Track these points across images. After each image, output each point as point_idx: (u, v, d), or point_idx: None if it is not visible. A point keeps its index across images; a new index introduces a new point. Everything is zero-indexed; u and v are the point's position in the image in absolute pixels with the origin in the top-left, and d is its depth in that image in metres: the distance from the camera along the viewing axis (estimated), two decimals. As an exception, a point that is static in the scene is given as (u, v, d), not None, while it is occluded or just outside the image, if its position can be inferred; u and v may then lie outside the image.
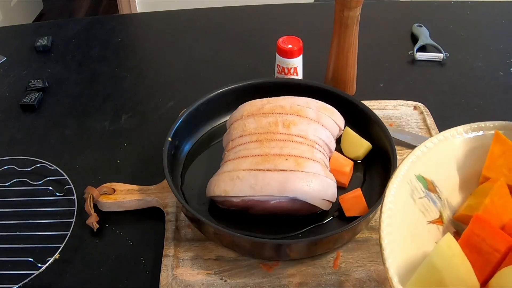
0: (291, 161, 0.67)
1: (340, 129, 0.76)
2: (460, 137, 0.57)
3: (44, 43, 1.09)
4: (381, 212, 0.49)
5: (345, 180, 0.73)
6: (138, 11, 2.46)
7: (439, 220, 0.54)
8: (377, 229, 0.70)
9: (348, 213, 0.69)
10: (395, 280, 0.45)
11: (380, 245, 0.47)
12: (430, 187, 0.54)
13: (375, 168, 0.75)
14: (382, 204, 0.50)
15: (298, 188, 0.65)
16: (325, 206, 0.68)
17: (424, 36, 1.08)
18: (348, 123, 0.78)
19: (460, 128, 0.57)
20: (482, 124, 0.58)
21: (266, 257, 0.66)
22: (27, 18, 2.76)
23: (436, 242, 0.51)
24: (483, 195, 0.52)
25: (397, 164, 0.70)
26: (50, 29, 1.18)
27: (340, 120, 0.76)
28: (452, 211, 0.56)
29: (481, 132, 0.57)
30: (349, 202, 0.69)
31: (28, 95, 0.95)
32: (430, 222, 0.53)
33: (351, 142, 0.77)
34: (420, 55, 1.04)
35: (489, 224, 0.48)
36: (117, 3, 2.49)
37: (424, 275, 0.46)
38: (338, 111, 0.76)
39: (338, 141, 0.78)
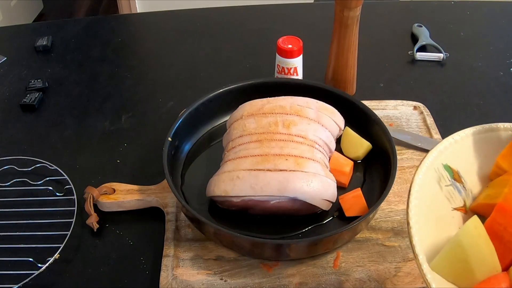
0: (291, 161, 0.67)
1: (340, 129, 0.76)
2: (486, 134, 0.59)
3: (44, 43, 1.09)
4: (409, 194, 0.51)
5: (345, 180, 0.73)
6: (138, 11, 2.46)
7: (463, 208, 0.55)
8: (377, 229, 0.70)
9: (348, 213, 0.69)
10: (421, 257, 0.47)
11: (407, 223, 0.49)
12: (455, 176, 0.56)
13: (375, 168, 0.75)
14: (411, 186, 0.52)
15: (298, 188, 0.65)
16: (325, 206, 0.68)
17: (424, 36, 1.08)
18: (348, 123, 0.78)
19: (487, 126, 0.59)
20: (508, 125, 0.59)
21: (266, 257, 0.66)
22: (27, 18, 2.76)
23: (459, 228, 0.53)
24: (502, 186, 0.54)
25: (397, 164, 0.70)
26: (50, 29, 1.18)
27: (340, 120, 0.76)
28: None
29: (507, 132, 0.59)
30: (349, 202, 0.69)
31: (28, 95, 0.95)
32: (455, 209, 0.54)
33: (351, 142, 0.77)
34: (420, 55, 1.04)
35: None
36: (117, 3, 2.49)
37: (450, 253, 0.48)
38: (338, 111, 0.76)
39: (338, 141, 0.78)
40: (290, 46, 0.85)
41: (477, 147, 0.58)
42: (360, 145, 0.76)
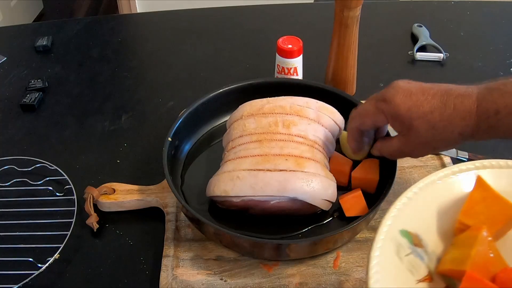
0: (291, 161, 0.67)
1: (340, 129, 0.76)
2: (441, 182, 0.55)
3: (44, 43, 1.09)
4: (367, 277, 0.46)
5: (345, 180, 0.73)
6: (138, 11, 2.46)
7: (428, 277, 0.51)
8: (377, 229, 0.69)
9: (348, 213, 0.69)
10: None
11: None
12: (415, 241, 0.51)
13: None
14: (368, 268, 0.48)
15: (298, 188, 0.65)
16: (325, 206, 0.68)
17: (424, 36, 1.08)
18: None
19: (440, 173, 0.55)
20: (463, 166, 0.55)
21: (266, 257, 0.66)
22: (27, 18, 2.76)
23: None
24: (468, 246, 0.50)
25: (397, 164, 0.70)
26: (50, 29, 1.18)
27: (340, 120, 0.76)
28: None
29: (462, 175, 0.55)
30: (349, 202, 0.69)
31: (28, 95, 0.95)
32: (420, 281, 0.50)
33: None
34: (420, 55, 1.04)
35: (482, 281, 0.46)
36: (117, 3, 2.49)
37: None
38: (338, 111, 0.76)
39: (338, 141, 0.78)
40: (290, 46, 0.85)
41: (432, 200, 0.54)
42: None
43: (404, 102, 0.59)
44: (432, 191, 0.54)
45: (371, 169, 0.72)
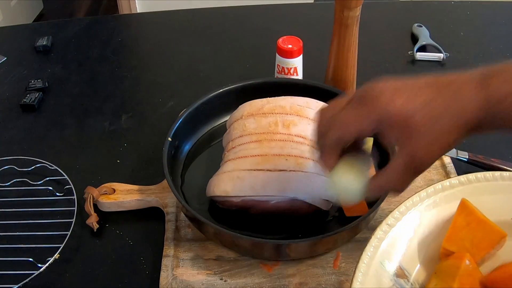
0: (291, 161, 0.67)
1: (340, 129, 0.76)
2: (421, 206, 0.53)
3: (44, 43, 1.09)
4: None
5: (345, 180, 0.73)
6: (138, 11, 2.46)
7: None
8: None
9: (348, 213, 0.69)
10: None
11: None
12: (398, 272, 0.50)
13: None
14: None
15: (298, 188, 0.65)
16: (325, 206, 0.68)
17: (424, 36, 1.08)
18: (348, 123, 0.78)
19: (416, 197, 0.52)
20: (439, 185, 0.53)
21: (266, 257, 0.66)
22: (27, 18, 2.76)
23: None
24: (450, 276, 0.48)
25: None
26: (50, 29, 1.18)
27: (340, 120, 0.76)
28: None
29: (441, 194, 0.53)
30: (349, 202, 0.69)
31: (28, 95, 0.95)
32: None
33: None
34: (420, 55, 1.04)
35: None
36: (117, 3, 2.49)
37: None
38: (338, 111, 0.76)
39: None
40: (290, 46, 0.85)
41: (412, 227, 0.52)
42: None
43: (392, 99, 0.48)
44: (412, 217, 0.52)
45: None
